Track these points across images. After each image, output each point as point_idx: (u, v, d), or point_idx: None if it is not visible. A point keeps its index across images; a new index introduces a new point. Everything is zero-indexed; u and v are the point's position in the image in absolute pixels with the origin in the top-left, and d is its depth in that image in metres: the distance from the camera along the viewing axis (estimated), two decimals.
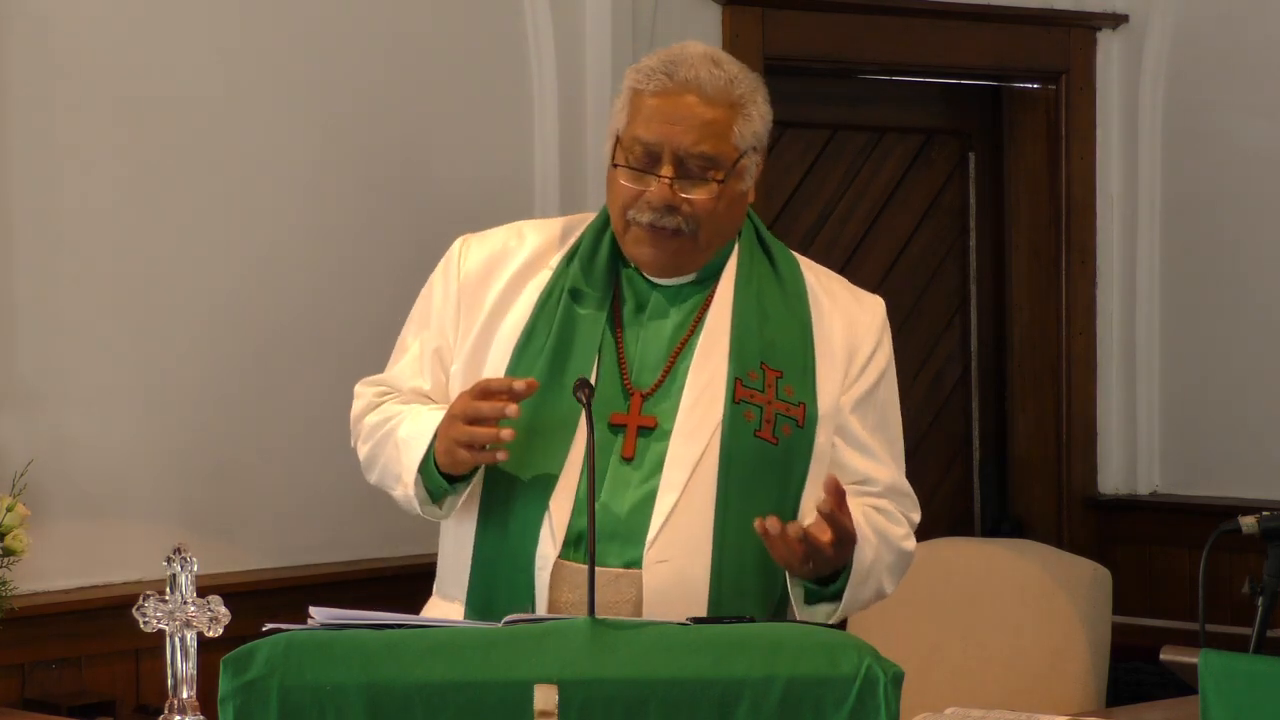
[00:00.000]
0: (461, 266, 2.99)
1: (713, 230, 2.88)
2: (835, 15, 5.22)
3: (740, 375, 2.86)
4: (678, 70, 2.85)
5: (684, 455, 2.84)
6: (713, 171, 2.84)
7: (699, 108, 2.84)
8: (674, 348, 2.91)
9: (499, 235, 3.03)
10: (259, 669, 2.43)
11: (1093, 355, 5.66)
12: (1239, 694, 2.37)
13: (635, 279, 2.94)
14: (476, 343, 2.94)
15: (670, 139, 2.83)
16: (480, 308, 2.95)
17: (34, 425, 4.06)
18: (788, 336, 2.92)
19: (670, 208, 2.84)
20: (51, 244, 4.09)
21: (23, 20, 4.04)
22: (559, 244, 2.99)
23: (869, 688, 2.43)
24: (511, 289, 2.95)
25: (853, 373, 2.96)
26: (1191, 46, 5.55)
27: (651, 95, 2.85)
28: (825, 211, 5.46)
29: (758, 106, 2.89)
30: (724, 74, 2.86)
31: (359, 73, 4.47)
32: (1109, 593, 3.74)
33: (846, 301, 3.01)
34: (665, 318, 2.93)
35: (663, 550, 2.81)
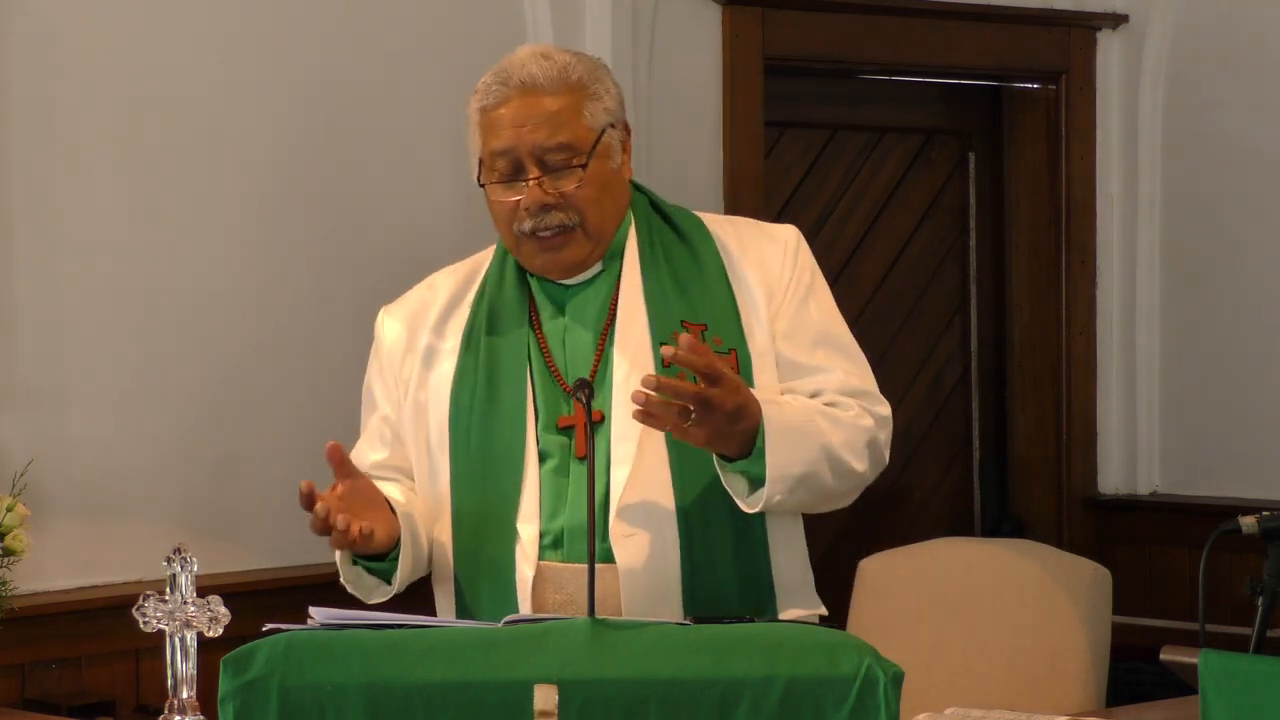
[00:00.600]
0: (385, 341, 3.06)
1: (598, 214, 2.90)
2: (835, 15, 5.22)
3: (664, 340, 2.86)
4: (510, 76, 2.89)
5: (625, 431, 2.85)
6: (574, 158, 2.86)
7: (541, 101, 2.87)
8: (599, 339, 2.93)
9: (413, 295, 3.09)
10: (259, 669, 2.43)
11: (1093, 355, 5.66)
12: (1239, 694, 2.37)
13: (547, 286, 2.97)
14: (414, 399, 3.00)
15: (523, 141, 2.86)
16: (410, 365, 3.01)
17: (34, 425, 4.06)
18: (704, 291, 2.93)
19: (546, 206, 2.87)
20: (51, 244, 4.09)
21: (24, 22, 4.04)
22: (471, 280, 3.04)
23: (869, 688, 2.44)
24: (435, 338, 3.01)
25: (774, 305, 2.96)
26: (1191, 46, 5.55)
27: (494, 108, 2.89)
28: (825, 211, 5.46)
29: (602, 84, 2.92)
30: (556, 63, 2.90)
31: (359, 73, 4.47)
32: (1109, 593, 3.74)
33: (756, 240, 3.02)
34: (584, 314, 2.95)
35: (627, 525, 2.83)
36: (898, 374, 5.54)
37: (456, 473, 2.94)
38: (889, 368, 5.50)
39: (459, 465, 2.93)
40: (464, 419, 2.93)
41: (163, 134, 4.21)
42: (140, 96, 4.18)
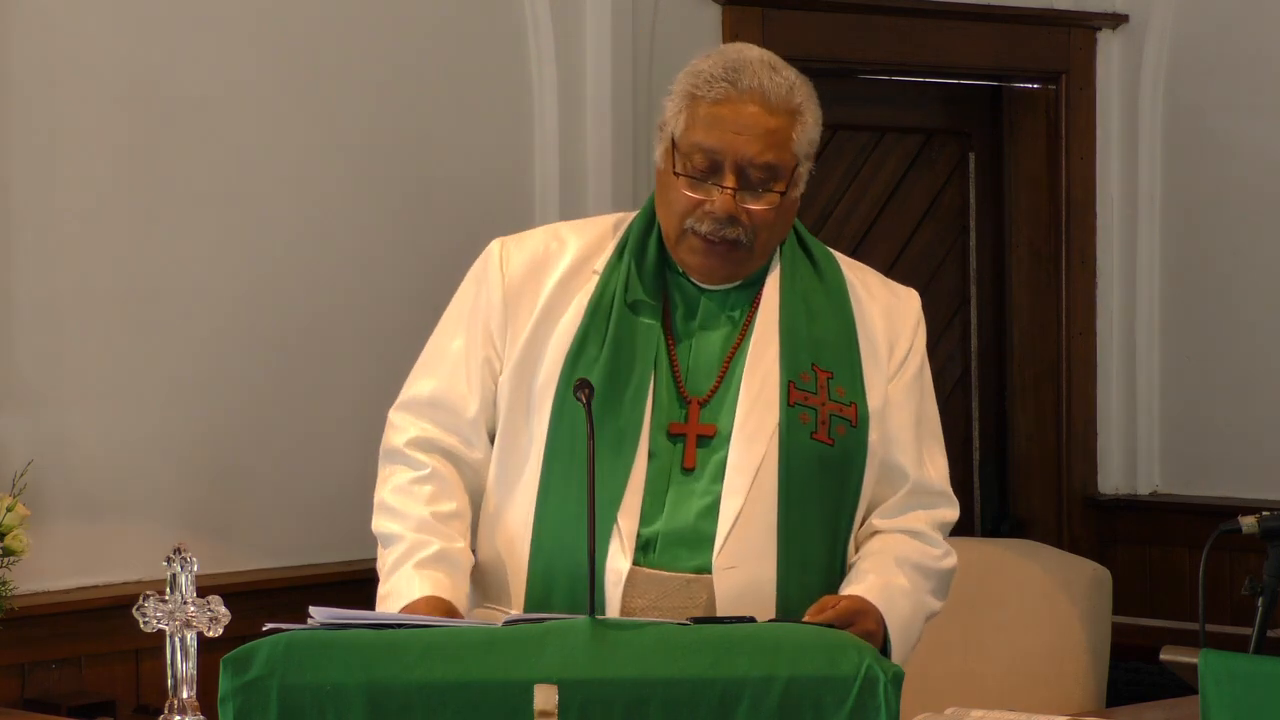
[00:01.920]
0: (505, 270, 2.91)
1: (768, 239, 2.86)
2: (835, 15, 5.22)
3: (793, 378, 2.84)
4: (740, 78, 2.81)
5: (745, 461, 2.81)
6: (774, 182, 2.82)
7: (762, 117, 2.82)
8: (726, 354, 2.88)
9: (538, 238, 2.96)
10: (259, 669, 2.43)
11: (1093, 355, 5.65)
12: (1239, 694, 2.37)
13: (684, 285, 2.90)
14: (526, 350, 2.87)
15: (734, 148, 2.79)
16: (529, 313, 2.88)
17: (34, 425, 4.06)
18: (834, 335, 2.91)
19: (732, 218, 2.80)
20: (51, 244, 4.09)
21: (24, 20, 4.04)
22: (601, 248, 2.92)
23: (869, 688, 2.44)
24: (558, 295, 2.89)
25: (893, 366, 2.95)
26: (1191, 46, 5.55)
27: (712, 103, 2.81)
28: (825, 211, 5.46)
29: (812, 112, 2.90)
30: (784, 81, 2.85)
31: (359, 72, 4.47)
32: (1109, 593, 3.74)
33: (884, 296, 3.00)
34: (715, 323, 2.89)
35: (731, 556, 2.78)
36: None
37: (555, 443, 2.83)
38: None
39: (560, 438, 2.83)
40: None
41: (163, 134, 4.21)
42: (141, 96, 4.18)
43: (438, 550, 2.83)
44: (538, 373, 2.86)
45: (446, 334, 2.95)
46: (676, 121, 2.83)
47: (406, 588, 2.79)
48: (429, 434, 2.90)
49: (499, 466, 2.90)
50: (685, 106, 2.83)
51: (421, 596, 2.76)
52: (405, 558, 2.83)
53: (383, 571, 2.86)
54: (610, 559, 2.77)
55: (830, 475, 2.85)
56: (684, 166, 2.81)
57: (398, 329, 4.42)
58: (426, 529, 2.85)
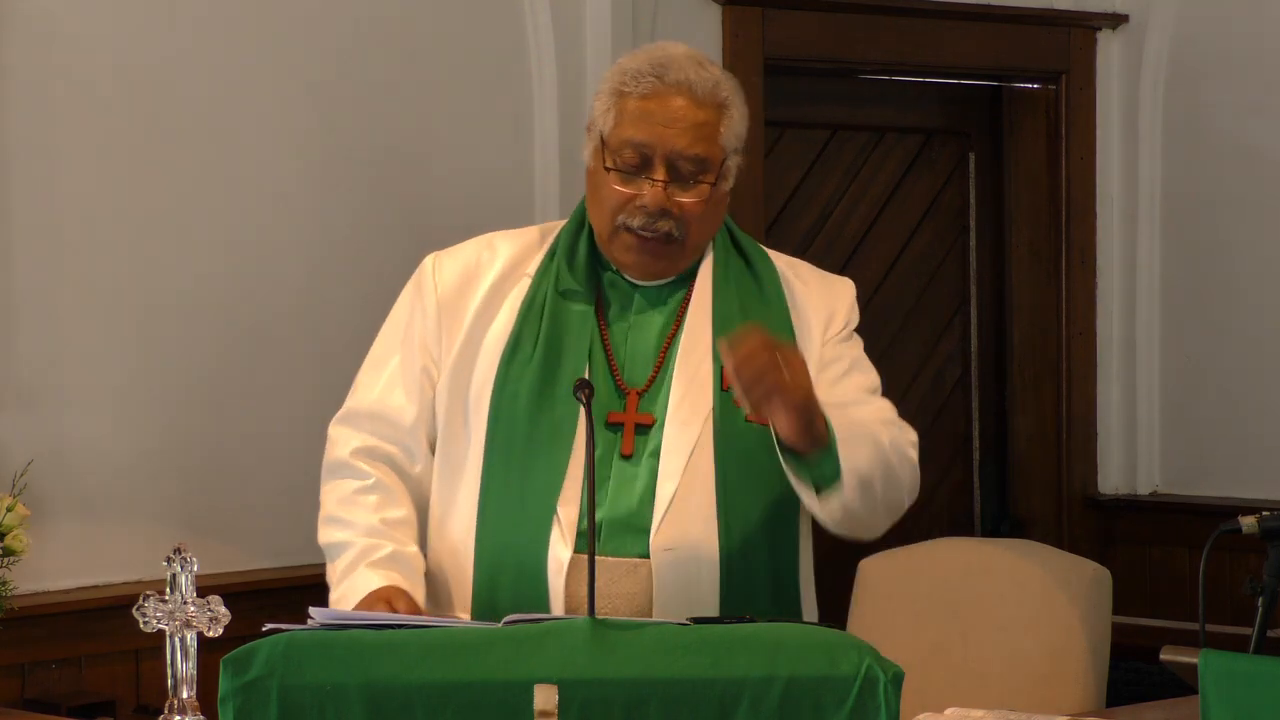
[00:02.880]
0: (437, 281, 2.98)
1: (700, 232, 2.91)
2: (835, 15, 5.22)
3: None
4: (667, 73, 2.85)
5: (678, 444, 2.85)
6: (703, 174, 2.85)
7: (690, 110, 2.85)
8: (662, 345, 2.93)
9: (469, 248, 3.02)
10: (259, 669, 2.43)
11: (1093, 355, 5.65)
12: (1239, 694, 2.37)
13: (617, 281, 2.96)
14: (460, 357, 2.93)
15: (663, 142, 2.84)
16: (461, 321, 2.94)
17: (34, 425, 4.06)
18: (767, 319, 2.94)
19: (664, 211, 2.85)
20: (51, 244, 4.09)
21: (23, 21, 4.04)
22: (533, 252, 2.99)
23: (869, 688, 2.44)
24: (491, 300, 2.95)
25: (829, 334, 2.99)
26: (1191, 46, 5.55)
27: (640, 98, 2.86)
28: (825, 211, 5.46)
29: (739, 107, 2.91)
30: (710, 75, 2.88)
31: (359, 72, 4.47)
32: (1109, 593, 3.74)
33: (818, 284, 3.04)
34: (650, 317, 2.94)
35: (668, 538, 2.82)
36: (898, 374, 5.53)
37: (493, 445, 2.88)
38: (889, 368, 5.47)
39: (497, 438, 2.88)
40: (512, 389, 2.87)
41: (162, 133, 4.21)
42: (139, 96, 4.18)
43: (391, 552, 2.88)
44: (473, 377, 2.92)
45: (383, 348, 3.02)
46: (605, 119, 2.89)
47: (363, 584, 2.83)
48: (371, 443, 2.96)
49: (440, 474, 2.94)
50: (613, 104, 2.88)
51: (380, 586, 2.79)
52: (358, 560, 2.87)
53: (333, 580, 2.90)
54: (551, 548, 2.81)
55: (769, 456, 2.85)
56: (614, 162, 2.87)
57: None
58: (376, 534, 2.89)
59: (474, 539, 2.88)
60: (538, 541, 2.82)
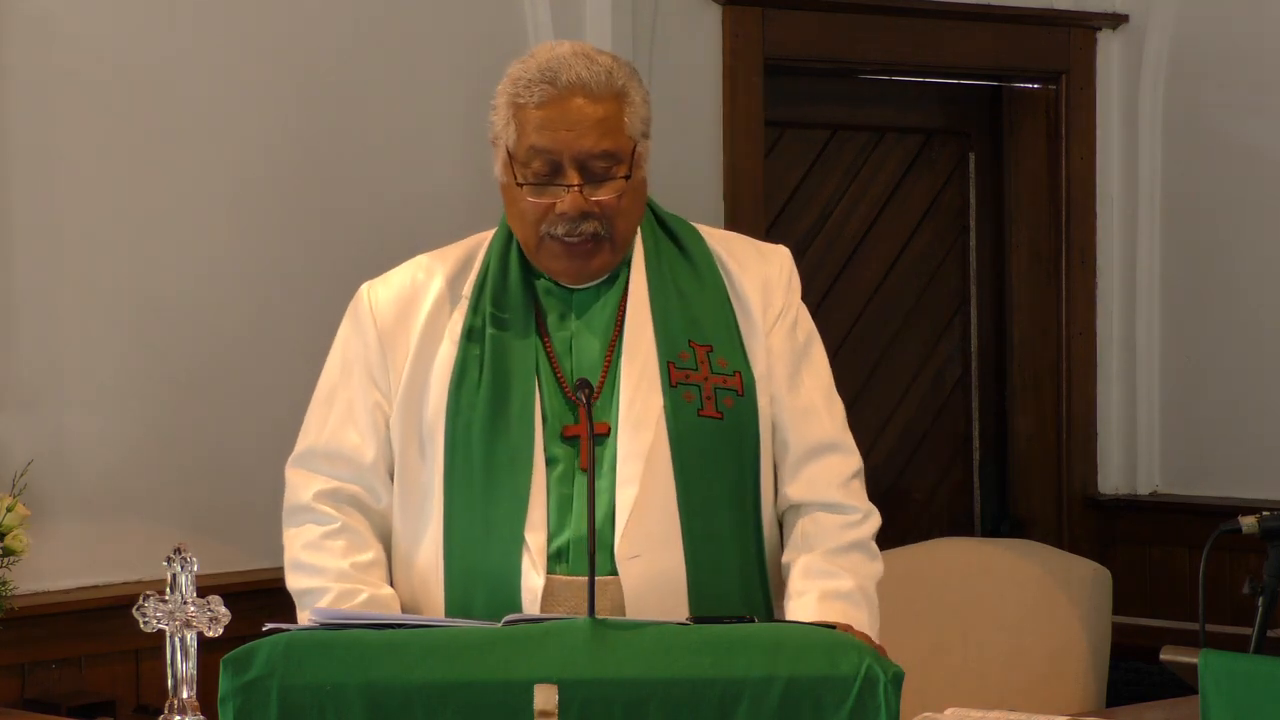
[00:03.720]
0: (375, 313, 2.95)
1: (626, 225, 2.87)
2: (835, 15, 5.22)
3: (671, 359, 2.86)
4: (559, 76, 2.81)
5: (633, 450, 2.82)
6: (616, 168, 2.82)
7: (588, 107, 2.81)
8: (606, 349, 2.89)
9: (402, 273, 2.99)
10: (259, 669, 2.43)
11: (1093, 355, 5.65)
12: (1239, 694, 2.37)
13: (552, 289, 2.91)
14: (408, 388, 2.90)
15: (569, 145, 2.80)
16: (404, 351, 2.91)
17: (34, 425, 4.06)
18: (708, 309, 2.91)
19: (585, 214, 2.81)
20: (51, 244, 4.09)
21: (23, 22, 4.04)
22: (466, 270, 2.95)
23: (869, 688, 2.44)
24: (430, 326, 2.92)
25: (767, 325, 2.94)
26: (1191, 46, 5.55)
27: (537, 106, 2.81)
28: (825, 211, 5.46)
29: (637, 90, 2.87)
30: (601, 67, 2.83)
31: (359, 71, 4.47)
32: (1109, 593, 3.74)
33: (753, 261, 2.99)
34: (590, 322, 2.90)
35: (632, 545, 2.79)
36: (898, 374, 5.53)
37: (451, 476, 2.86)
38: (889, 368, 5.50)
39: (456, 469, 2.85)
40: (464, 418, 2.85)
41: (162, 134, 4.21)
42: (142, 96, 4.18)
43: (367, 598, 2.84)
44: (424, 409, 2.89)
45: (328, 384, 2.98)
46: (507, 132, 2.85)
47: None
48: (332, 486, 2.93)
49: (401, 507, 2.91)
50: (512, 116, 2.84)
51: None
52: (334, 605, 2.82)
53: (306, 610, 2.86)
54: (524, 576, 2.78)
55: (726, 448, 2.85)
56: (525, 175, 2.83)
57: None
58: (348, 578, 2.86)
59: (443, 571, 2.85)
60: (509, 570, 2.79)
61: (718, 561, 2.84)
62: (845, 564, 2.89)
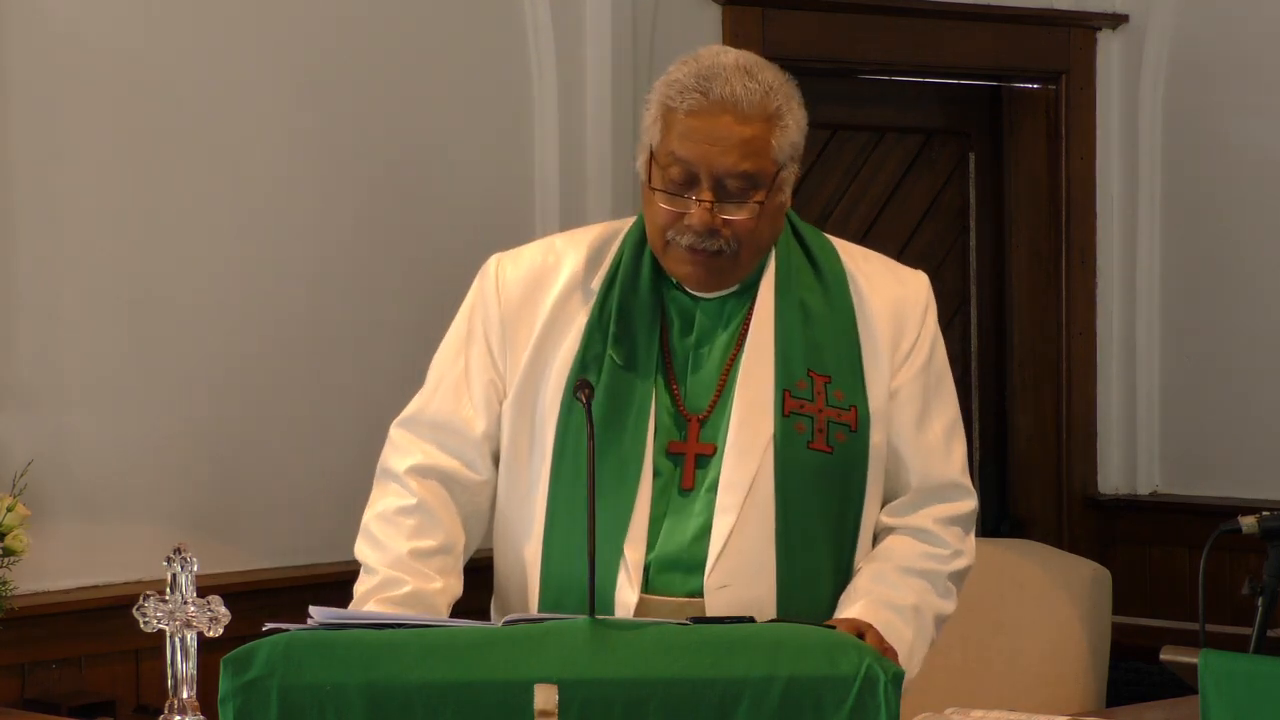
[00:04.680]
0: (501, 291, 2.89)
1: (754, 247, 2.80)
2: (835, 15, 5.22)
3: (788, 386, 2.81)
4: (712, 87, 2.73)
5: (737, 477, 2.78)
6: (753, 191, 2.75)
7: (736, 126, 2.73)
8: (723, 368, 2.84)
9: (534, 252, 2.92)
10: (259, 669, 2.43)
11: (1093, 355, 5.66)
12: (1239, 694, 2.37)
13: (679, 298, 2.86)
14: (527, 375, 2.85)
15: (708, 160, 2.73)
16: (527, 337, 2.86)
17: (34, 425, 4.06)
18: (832, 335, 2.86)
19: (712, 231, 2.75)
20: (52, 244, 4.09)
21: (24, 20, 4.04)
22: (597, 262, 2.89)
23: (869, 687, 2.44)
24: (556, 315, 2.86)
25: (898, 358, 2.90)
26: (1191, 46, 5.55)
27: (686, 114, 2.74)
28: (825, 211, 5.46)
29: (793, 114, 2.79)
30: (759, 86, 2.75)
31: (359, 71, 4.47)
32: (1109, 593, 3.74)
33: (889, 286, 2.94)
34: (712, 337, 2.85)
35: (723, 576, 2.76)
36: None
37: (559, 477, 2.81)
38: None
39: (564, 470, 2.81)
40: (578, 420, 2.77)
41: (163, 134, 4.21)
42: (141, 96, 4.18)
43: (409, 591, 2.82)
44: (539, 401, 2.85)
45: (449, 355, 2.93)
46: (653, 132, 2.79)
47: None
48: (430, 459, 2.89)
49: (508, 491, 2.89)
50: (660, 117, 2.78)
51: None
52: (377, 591, 2.82)
53: (356, 595, 2.86)
54: (618, 591, 2.75)
55: (831, 484, 2.82)
56: (661, 180, 2.77)
57: (398, 329, 4.42)
58: (401, 566, 2.84)
59: (539, 574, 2.82)
60: (605, 585, 2.73)
61: (809, 598, 2.80)
62: (914, 585, 2.85)
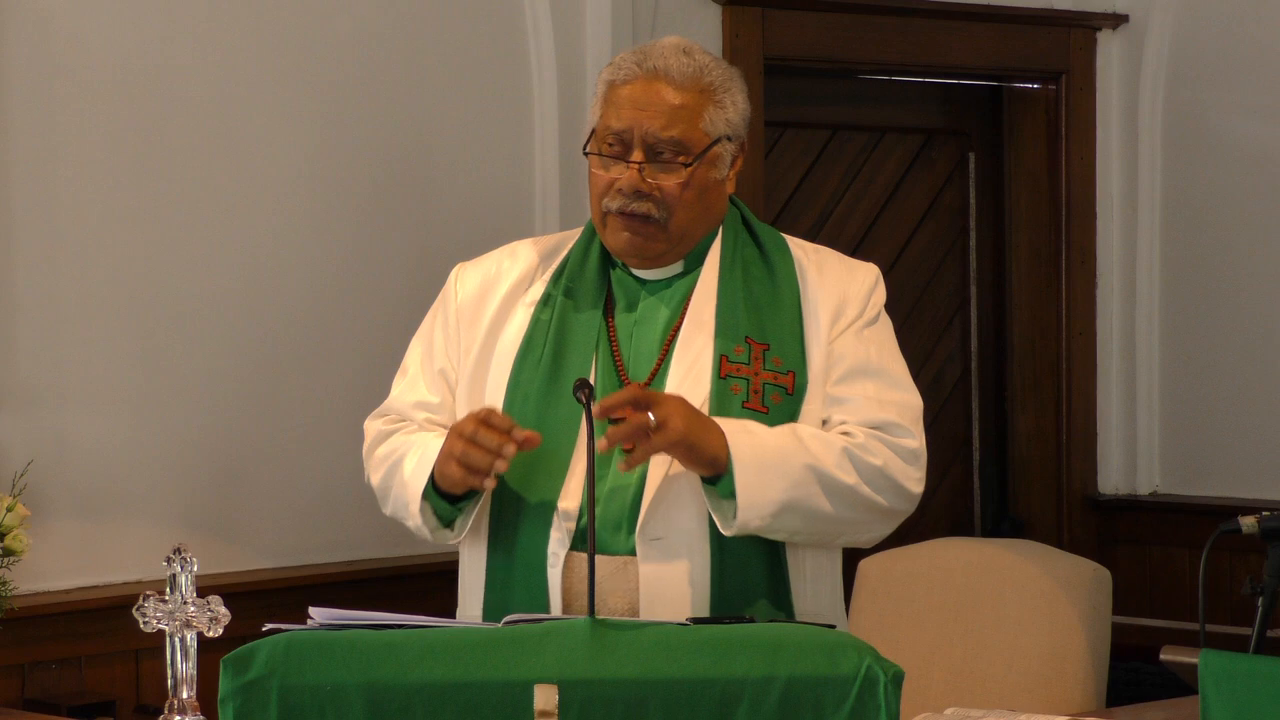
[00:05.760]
0: (458, 293, 3.04)
1: (685, 217, 2.91)
2: (835, 15, 5.22)
3: (725, 352, 2.89)
4: (647, 59, 2.91)
5: None
6: (682, 156, 2.88)
7: (667, 93, 2.88)
8: (665, 339, 2.93)
9: (493, 258, 3.08)
10: (259, 669, 2.43)
11: (1093, 355, 5.66)
12: (1239, 694, 2.37)
13: (625, 279, 2.98)
14: (478, 360, 2.98)
15: (639, 124, 2.88)
16: (478, 326, 3.00)
17: (34, 425, 4.06)
18: (775, 313, 2.94)
19: (639, 193, 2.88)
20: (51, 244, 4.09)
21: (23, 21, 4.04)
22: (551, 258, 3.04)
23: (869, 688, 2.44)
24: (507, 304, 3.00)
25: (839, 326, 2.96)
26: (1191, 46, 5.55)
27: (622, 84, 2.91)
28: (825, 211, 5.46)
29: (732, 96, 2.93)
30: (694, 62, 2.91)
31: (359, 71, 4.47)
32: (1109, 593, 3.74)
33: (838, 272, 3.02)
34: (656, 312, 2.96)
35: (655, 528, 2.82)
36: None
37: None
38: None
39: None
40: (523, 389, 2.92)
41: (163, 134, 4.21)
42: (141, 97, 4.18)
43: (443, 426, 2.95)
44: (488, 382, 2.97)
45: (411, 354, 3.09)
46: (595, 110, 2.96)
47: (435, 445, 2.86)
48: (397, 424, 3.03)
49: None
50: (602, 94, 2.95)
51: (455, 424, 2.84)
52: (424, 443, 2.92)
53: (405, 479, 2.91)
54: (550, 544, 2.84)
55: None
56: (596, 147, 2.93)
57: (397, 329, 4.41)
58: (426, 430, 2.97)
59: (486, 531, 2.92)
60: (538, 538, 2.85)
61: (743, 553, 2.85)
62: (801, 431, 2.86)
